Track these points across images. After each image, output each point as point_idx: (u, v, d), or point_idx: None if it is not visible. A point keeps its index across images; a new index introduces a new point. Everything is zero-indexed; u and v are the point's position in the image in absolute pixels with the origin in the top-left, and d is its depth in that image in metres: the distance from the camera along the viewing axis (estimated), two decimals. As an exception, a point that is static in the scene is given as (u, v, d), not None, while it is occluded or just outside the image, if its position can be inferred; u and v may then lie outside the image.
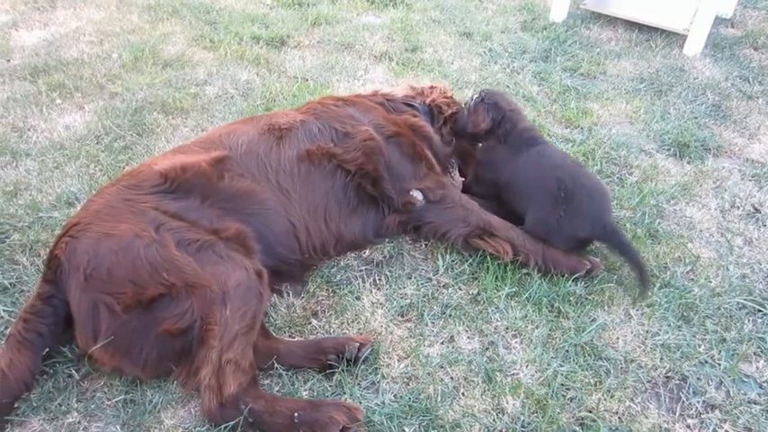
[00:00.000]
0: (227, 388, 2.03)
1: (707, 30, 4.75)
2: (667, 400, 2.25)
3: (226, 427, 2.03)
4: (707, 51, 4.84)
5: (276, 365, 2.27)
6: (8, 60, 4.51)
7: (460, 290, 2.66)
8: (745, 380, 2.31)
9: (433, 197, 2.85)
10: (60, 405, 2.15)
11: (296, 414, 2.02)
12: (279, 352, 2.29)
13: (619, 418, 2.16)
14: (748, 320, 2.55)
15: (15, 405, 2.11)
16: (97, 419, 2.12)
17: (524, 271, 2.72)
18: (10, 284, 2.60)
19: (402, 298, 2.61)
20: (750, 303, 2.61)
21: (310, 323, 2.51)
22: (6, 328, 2.35)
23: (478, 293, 2.63)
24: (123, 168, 3.27)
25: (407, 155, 2.92)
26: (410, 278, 2.72)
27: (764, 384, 2.30)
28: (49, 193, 3.14)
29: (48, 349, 2.21)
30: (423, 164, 2.94)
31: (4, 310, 2.47)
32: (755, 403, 2.23)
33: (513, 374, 2.30)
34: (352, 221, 2.80)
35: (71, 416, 2.12)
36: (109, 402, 2.16)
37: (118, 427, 2.08)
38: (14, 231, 2.89)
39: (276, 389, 2.24)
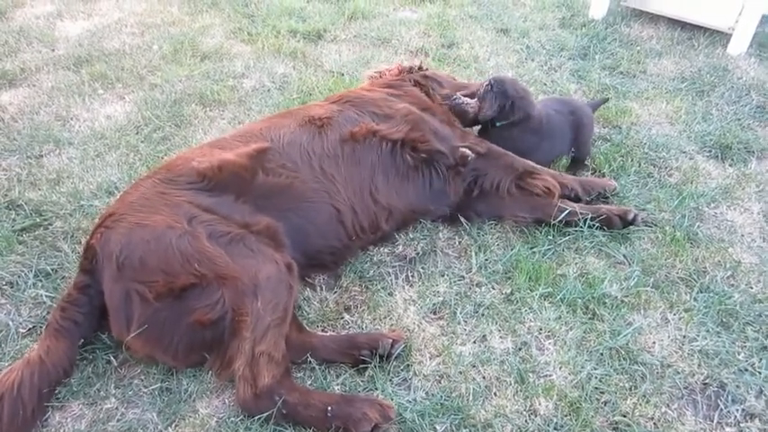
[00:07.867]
0: (262, 379, 2.06)
1: (753, 29, 4.60)
2: (705, 407, 2.20)
3: (259, 419, 2.06)
4: (752, 51, 4.69)
5: (309, 359, 2.29)
6: (53, 50, 4.62)
7: (493, 289, 2.64)
8: (786, 390, 2.25)
9: (480, 150, 2.98)
10: (99, 390, 2.21)
11: (329, 408, 2.04)
12: (312, 346, 2.31)
13: (654, 423, 2.13)
14: (791, 329, 2.48)
15: (56, 390, 2.17)
16: (134, 406, 2.17)
17: (558, 272, 2.69)
18: (52, 270, 2.67)
19: (435, 295, 2.60)
20: (793, 312, 2.54)
21: (343, 318, 2.53)
22: (48, 312, 2.41)
23: (512, 293, 2.61)
24: (162, 158, 3.33)
25: (445, 122, 3.08)
26: (443, 276, 2.71)
27: (807, 396, 2.24)
28: (90, 182, 3.21)
29: (83, 338, 2.26)
30: (458, 129, 3.12)
31: (46, 296, 2.55)
32: (797, 414, 2.17)
33: (547, 376, 2.28)
34: (403, 190, 2.84)
35: (109, 401, 2.18)
36: (146, 390, 2.21)
37: (154, 414, 2.13)
38: (57, 218, 2.97)
39: (309, 382, 2.26)
